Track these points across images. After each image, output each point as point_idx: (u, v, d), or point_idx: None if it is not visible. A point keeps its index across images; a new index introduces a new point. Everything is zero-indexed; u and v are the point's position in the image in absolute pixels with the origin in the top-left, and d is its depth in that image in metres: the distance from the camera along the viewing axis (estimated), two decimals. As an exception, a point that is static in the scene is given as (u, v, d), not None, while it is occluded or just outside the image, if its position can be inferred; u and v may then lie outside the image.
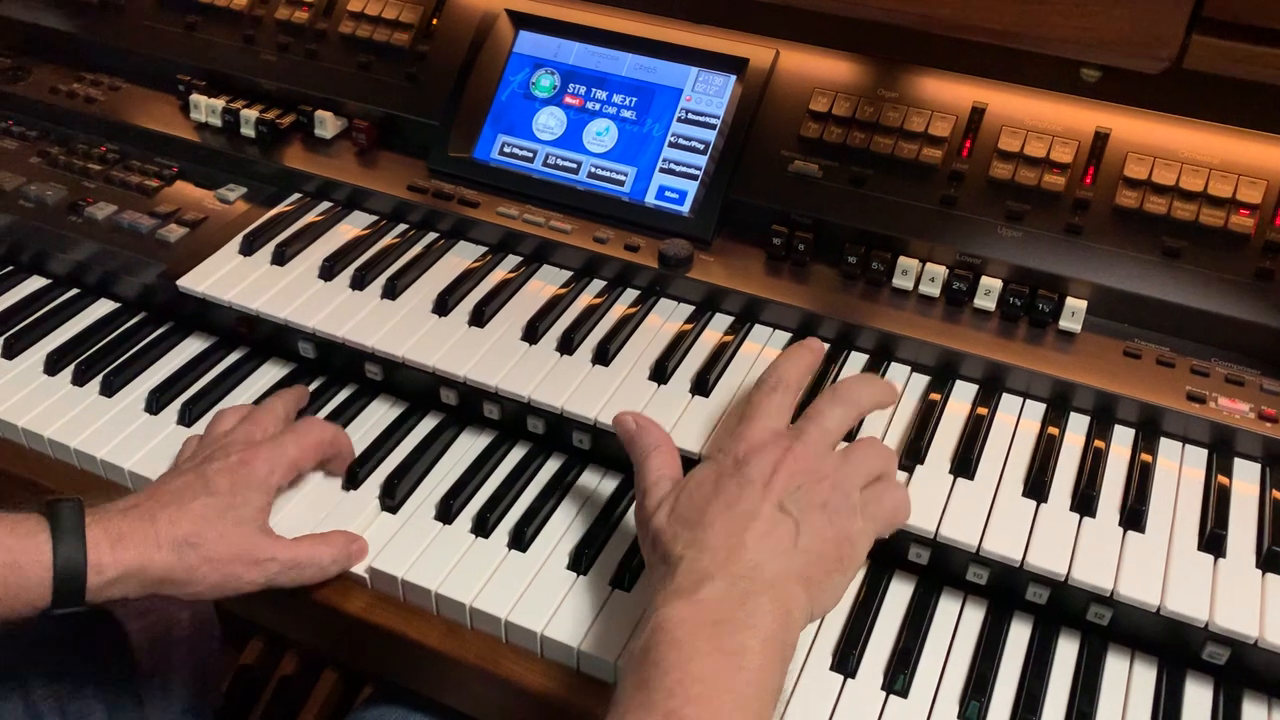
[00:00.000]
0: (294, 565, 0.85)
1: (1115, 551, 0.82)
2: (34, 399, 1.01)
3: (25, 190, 1.17)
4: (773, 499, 0.74)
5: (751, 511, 0.73)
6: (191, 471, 0.86)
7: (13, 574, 0.75)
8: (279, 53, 1.24)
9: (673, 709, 0.63)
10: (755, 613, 0.68)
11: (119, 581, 0.78)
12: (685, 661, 0.65)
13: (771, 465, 0.76)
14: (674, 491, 0.78)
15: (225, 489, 0.84)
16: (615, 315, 1.03)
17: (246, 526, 0.84)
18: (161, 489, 0.84)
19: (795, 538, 0.73)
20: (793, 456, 0.77)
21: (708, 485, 0.76)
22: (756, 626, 0.67)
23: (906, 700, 0.79)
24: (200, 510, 0.82)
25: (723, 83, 1.10)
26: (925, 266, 1.01)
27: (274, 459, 0.87)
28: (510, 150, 1.15)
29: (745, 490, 0.75)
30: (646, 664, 0.66)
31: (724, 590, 0.69)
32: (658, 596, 0.71)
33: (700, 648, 0.65)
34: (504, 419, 0.98)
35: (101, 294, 1.14)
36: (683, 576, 0.70)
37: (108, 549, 0.78)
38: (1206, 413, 0.90)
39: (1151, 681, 0.81)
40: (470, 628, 0.86)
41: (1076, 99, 1.01)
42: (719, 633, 0.66)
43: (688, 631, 0.66)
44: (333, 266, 1.06)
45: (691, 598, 0.69)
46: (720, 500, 0.75)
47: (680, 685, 0.64)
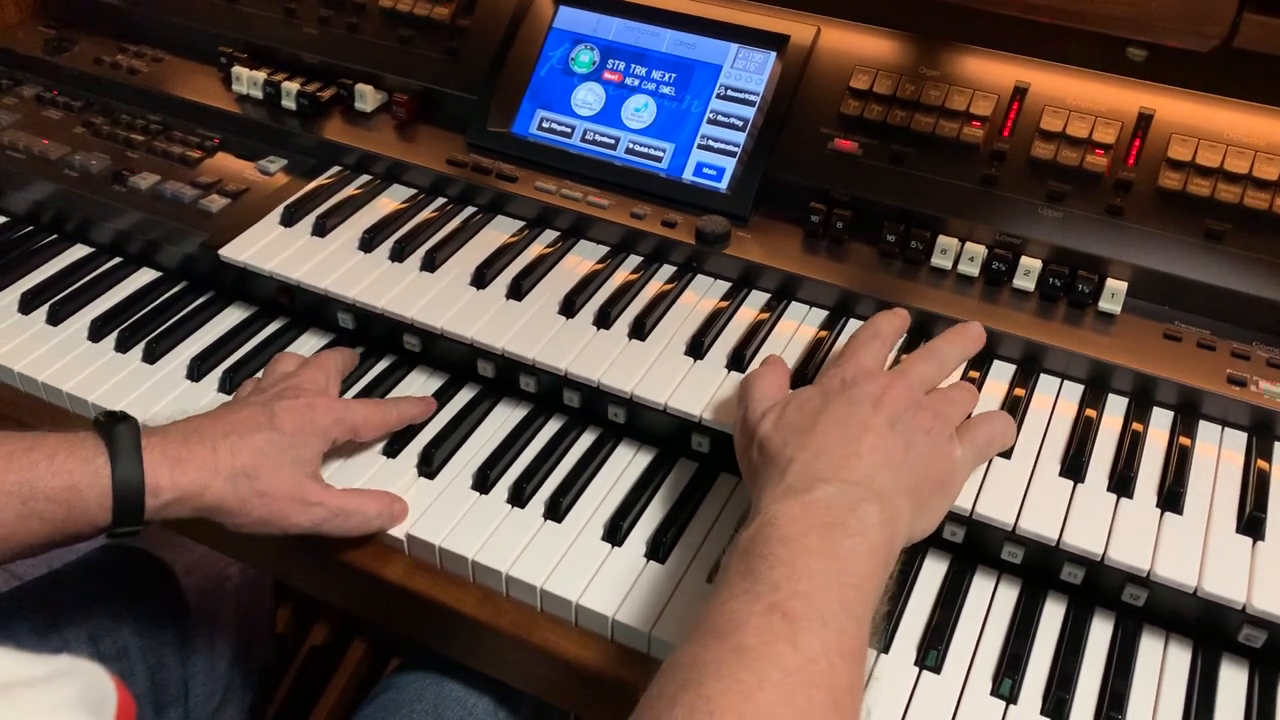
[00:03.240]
0: (340, 513, 0.86)
1: (1152, 532, 0.82)
2: (78, 364, 1.03)
3: (70, 159, 1.19)
4: (884, 415, 0.77)
5: (865, 423, 0.76)
6: (259, 405, 0.86)
7: (74, 496, 0.77)
8: (320, 26, 1.24)
9: (778, 601, 0.63)
10: (865, 520, 0.69)
11: (175, 503, 0.80)
12: (793, 558, 0.66)
13: (880, 388, 0.79)
14: (780, 404, 0.80)
15: (289, 428, 0.85)
16: (652, 291, 1.03)
17: (302, 469, 0.85)
18: (226, 417, 0.85)
19: (905, 455, 0.75)
20: (898, 385, 0.80)
21: (816, 400, 0.79)
22: (865, 534, 0.69)
23: (939, 676, 0.80)
24: (261, 444, 0.83)
25: (763, 59, 1.10)
26: (964, 246, 1.01)
27: (339, 414, 0.89)
28: (549, 125, 1.15)
29: (856, 406, 0.78)
30: (753, 555, 0.67)
31: (836, 494, 0.70)
32: (766, 494, 0.72)
33: (809, 547, 0.67)
34: (540, 392, 0.99)
35: (144, 263, 1.16)
36: (794, 477, 0.72)
37: (166, 472, 0.78)
38: (1247, 396, 0.90)
39: (1186, 663, 0.81)
40: (506, 596, 0.87)
41: (1121, 79, 1.00)
42: (829, 534, 0.68)
43: (798, 530, 0.68)
44: (372, 239, 1.07)
45: (803, 498, 0.70)
46: (831, 413, 0.77)
47: (787, 580, 0.65)
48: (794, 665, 0.61)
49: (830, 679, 0.62)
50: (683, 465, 0.95)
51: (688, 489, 0.93)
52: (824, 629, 0.63)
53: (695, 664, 0.61)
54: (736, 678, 0.59)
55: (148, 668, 1.07)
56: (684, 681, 0.60)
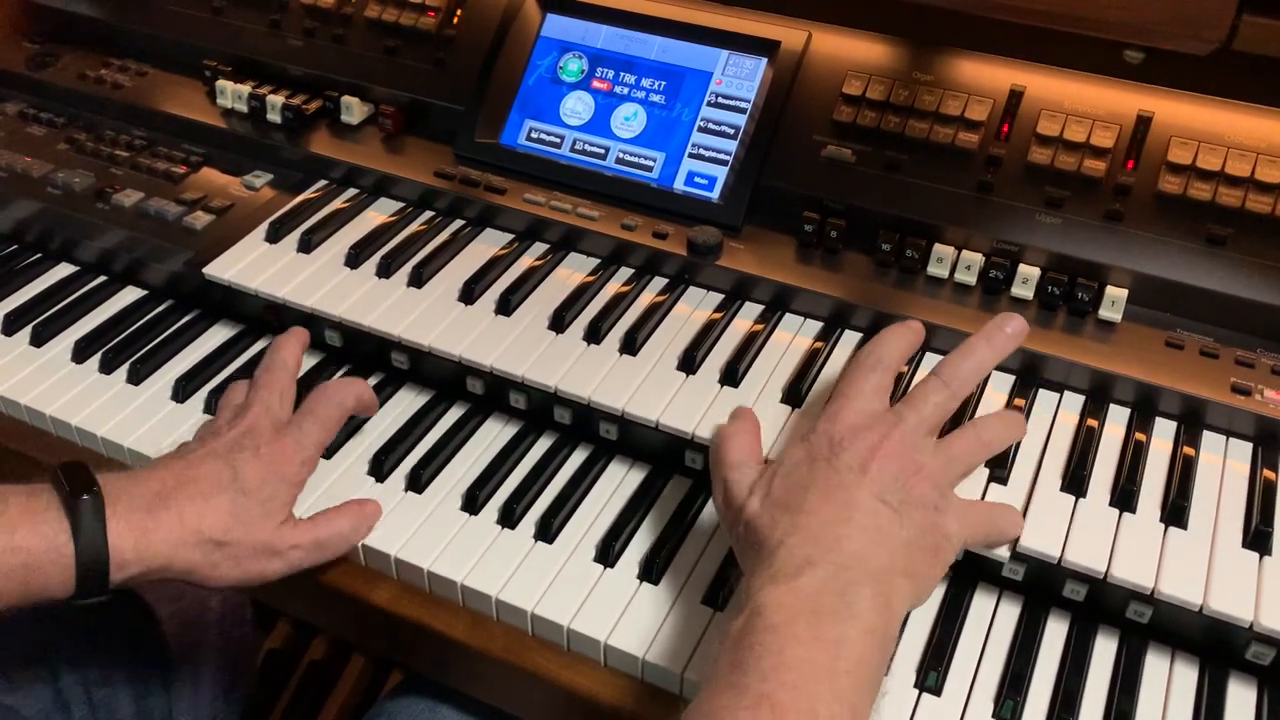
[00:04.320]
0: (316, 546, 0.84)
1: (1156, 548, 0.80)
2: (61, 386, 1.01)
3: (53, 177, 1.17)
4: (872, 488, 0.73)
5: (852, 501, 0.72)
6: (221, 460, 0.83)
7: (33, 574, 0.75)
8: (305, 37, 1.23)
9: (765, 693, 0.61)
10: (856, 603, 0.66)
11: (142, 574, 0.78)
12: (782, 648, 0.63)
13: (869, 450, 0.75)
14: (766, 477, 0.77)
15: (254, 484, 0.82)
16: (643, 304, 1.02)
17: (272, 520, 0.83)
18: (188, 475, 0.81)
19: (899, 529, 0.72)
20: (889, 443, 0.75)
21: (803, 469, 0.75)
22: (857, 617, 0.66)
23: (940, 698, 0.78)
24: (228, 506, 0.80)
25: (754, 66, 1.08)
26: (961, 254, 0.99)
27: (303, 448, 0.86)
28: (537, 136, 1.13)
29: (843, 476, 0.73)
30: (742, 647, 0.64)
31: (826, 578, 0.67)
32: (754, 581, 0.69)
33: (798, 635, 0.64)
34: (531, 409, 0.97)
35: (129, 281, 1.14)
36: (783, 562, 0.69)
37: (131, 546, 0.76)
38: (1252, 405, 0.88)
39: (1193, 681, 0.79)
40: (497, 620, 0.85)
41: (1118, 81, 0.98)
42: (819, 621, 0.65)
43: (785, 617, 0.65)
44: (358, 254, 1.05)
45: (791, 584, 0.67)
46: (818, 487, 0.73)
47: (775, 671, 0.62)
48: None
49: None
50: (676, 482, 0.93)
51: (681, 507, 0.91)
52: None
53: None
54: None
55: (133, 694, 1.05)
56: None
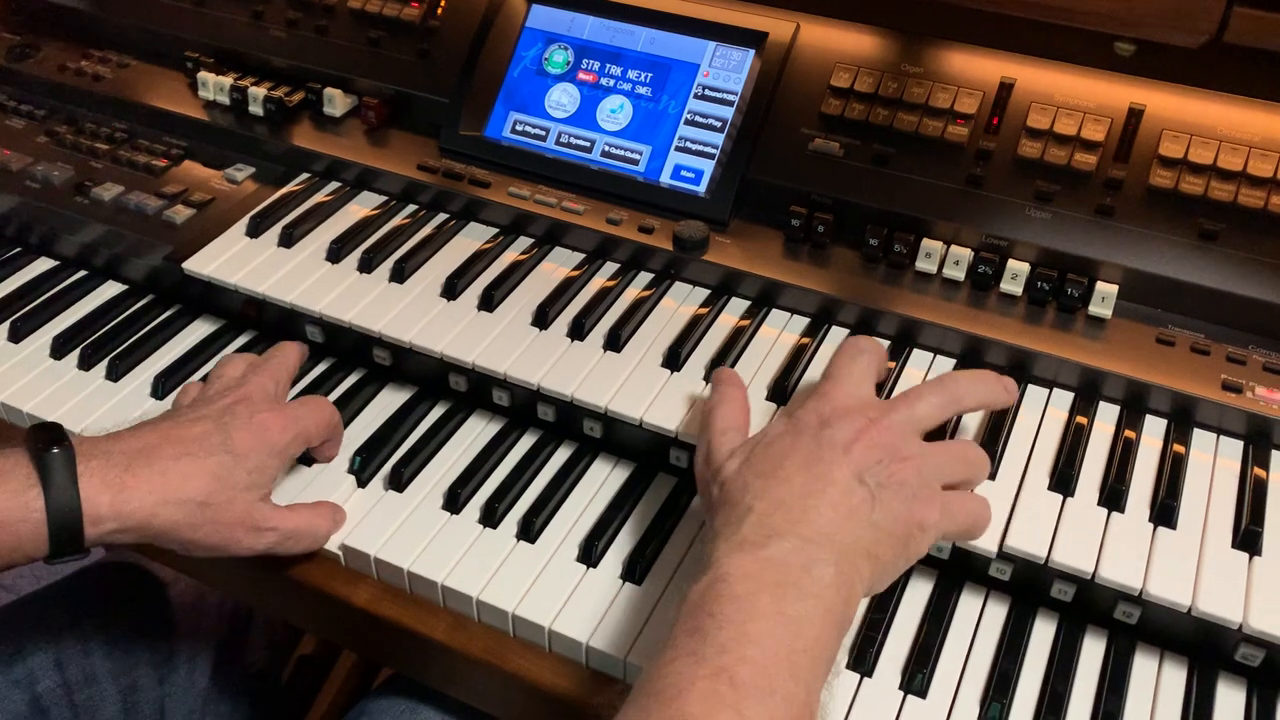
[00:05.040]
0: (292, 535, 0.84)
1: (1145, 549, 0.79)
2: (40, 383, 1.00)
3: (32, 170, 1.16)
4: (852, 466, 0.72)
5: (829, 475, 0.71)
6: (212, 422, 0.82)
7: (6, 533, 0.73)
8: (288, 29, 1.21)
9: (724, 665, 0.60)
10: (820, 580, 0.66)
11: (119, 531, 0.76)
12: (744, 620, 0.62)
13: (855, 431, 0.74)
14: (748, 443, 0.76)
15: (244, 450, 0.81)
16: (628, 299, 1.00)
17: (255, 492, 0.82)
18: (176, 434, 0.80)
19: (870, 511, 0.70)
20: (877, 429, 0.74)
21: (786, 439, 0.74)
22: (820, 596, 0.65)
23: (925, 700, 0.77)
24: (215, 468, 0.79)
25: (741, 58, 1.07)
26: (950, 249, 0.97)
27: (294, 429, 0.85)
28: (522, 128, 1.12)
29: (825, 451, 0.72)
30: (702, 613, 0.63)
31: (791, 550, 0.67)
32: (720, 545, 0.68)
33: (761, 608, 0.63)
34: (514, 406, 0.96)
35: (109, 276, 1.13)
36: (750, 529, 0.68)
37: (107, 501, 0.75)
38: (1243, 402, 0.87)
39: (1181, 683, 0.78)
40: (478, 621, 0.84)
41: (1109, 74, 0.96)
42: (782, 595, 0.64)
43: (750, 588, 0.64)
44: (340, 249, 1.04)
45: (758, 553, 0.66)
46: (797, 456, 0.72)
47: (735, 643, 0.61)
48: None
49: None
50: (661, 481, 0.92)
51: (665, 506, 0.90)
52: (770, 698, 0.60)
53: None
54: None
55: (119, 691, 1.04)
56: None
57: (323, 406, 0.90)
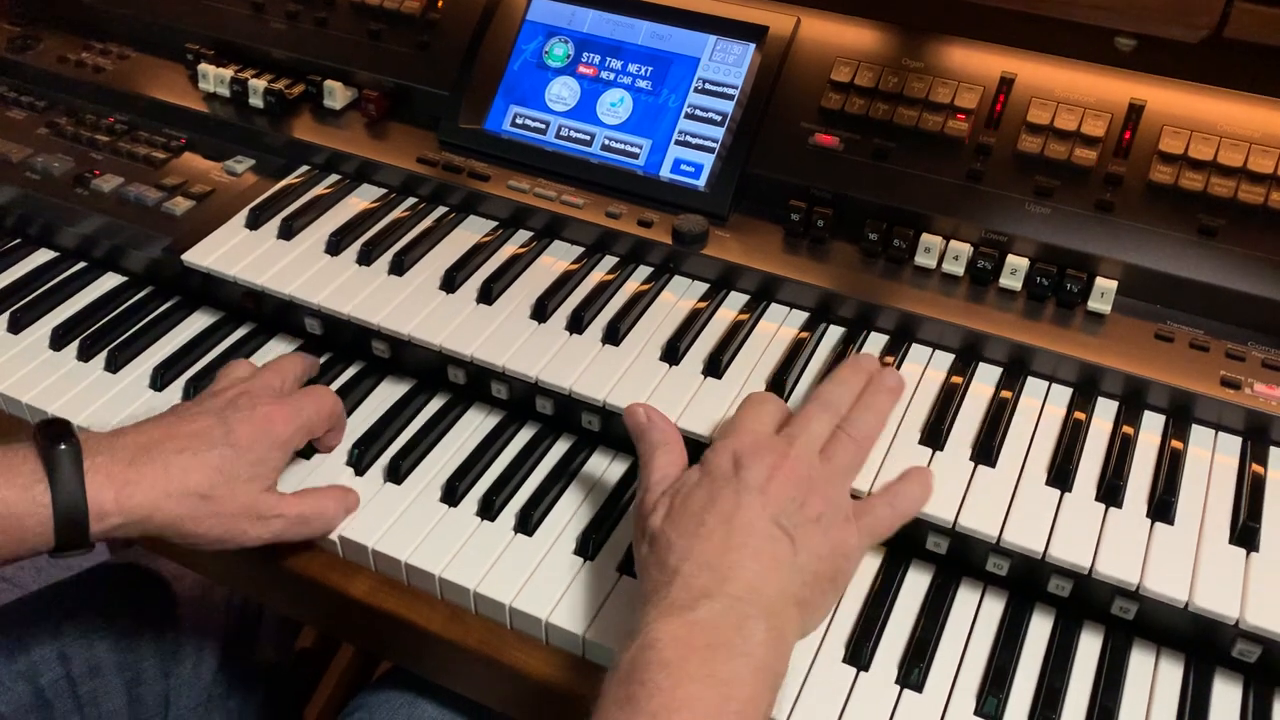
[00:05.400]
0: (300, 520, 0.83)
1: (1142, 544, 0.79)
2: (39, 374, 1.00)
3: (32, 162, 1.16)
4: (769, 513, 0.72)
5: (749, 526, 0.71)
6: (213, 416, 0.82)
7: (11, 524, 0.74)
8: (288, 21, 1.21)
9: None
10: (750, 639, 0.65)
11: (123, 526, 0.77)
12: (674, 686, 0.62)
13: (767, 472, 0.74)
14: (669, 492, 0.76)
15: (245, 442, 0.81)
16: (627, 293, 1.00)
17: (259, 483, 0.82)
18: (178, 428, 0.81)
19: (793, 556, 0.71)
20: (788, 464, 0.75)
21: (704, 490, 0.74)
22: (750, 654, 0.65)
23: (921, 695, 0.77)
24: (216, 461, 0.79)
25: (741, 51, 1.07)
26: (949, 244, 0.97)
27: (296, 420, 0.85)
28: (522, 122, 1.12)
29: (742, 498, 0.72)
30: (633, 682, 0.63)
31: (722, 611, 0.66)
32: (649, 611, 0.68)
33: (691, 672, 0.63)
34: (512, 399, 0.96)
35: (109, 268, 1.12)
36: (678, 592, 0.68)
37: (111, 496, 0.75)
38: (1241, 399, 0.87)
39: (1178, 679, 0.78)
40: (475, 613, 0.84)
41: (1110, 69, 0.96)
42: (712, 657, 0.64)
43: (679, 653, 0.64)
44: (339, 241, 1.04)
45: (686, 616, 0.66)
46: (717, 509, 0.72)
47: (665, 710, 0.61)
48: None
49: None
50: (659, 474, 0.92)
51: (663, 500, 0.90)
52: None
53: None
54: None
55: (123, 683, 1.04)
56: None
57: (325, 396, 0.90)
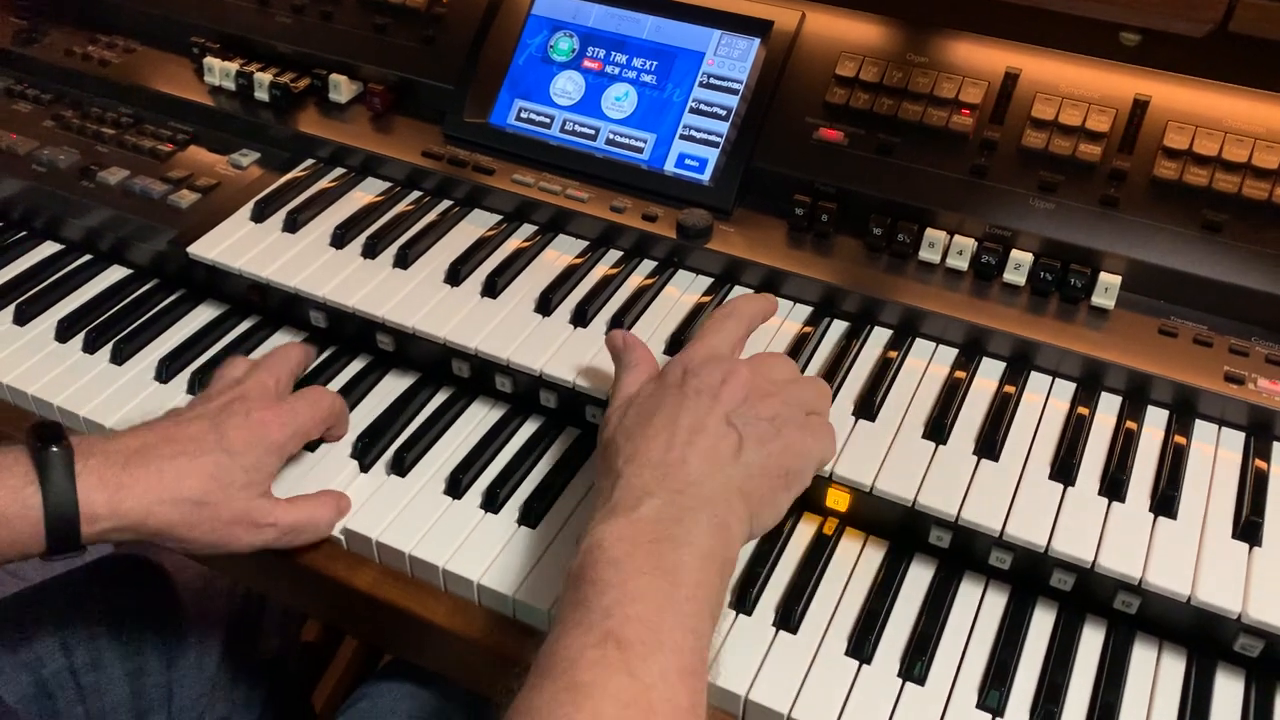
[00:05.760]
0: (292, 530, 0.84)
1: (1145, 538, 0.79)
2: (44, 366, 1.00)
3: (38, 154, 1.16)
4: (719, 411, 0.74)
5: (697, 425, 0.73)
6: (208, 421, 0.82)
7: (2, 528, 0.74)
8: (294, 15, 1.21)
9: (611, 629, 0.61)
10: (693, 529, 0.67)
11: (115, 530, 0.77)
12: (624, 581, 0.64)
13: (721, 376, 0.76)
14: (626, 402, 0.78)
15: (240, 448, 0.81)
16: (631, 287, 1.01)
17: (253, 490, 0.82)
18: (173, 434, 0.81)
19: (738, 451, 0.72)
20: (741, 371, 0.77)
21: (656, 397, 0.76)
22: (694, 543, 0.67)
23: (924, 688, 0.77)
24: (211, 468, 0.79)
25: (746, 46, 1.07)
26: (953, 239, 0.97)
27: (291, 426, 0.85)
28: (527, 116, 1.12)
29: (691, 400, 0.74)
30: (584, 582, 0.65)
31: (662, 507, 0.68)
32: (595, 513, 0.70)
33: (639, 566, 0.64)
34: (516, 392, 0.96)
35: (114, 260, 1.13)
36: (621, 492, 0.70)
37: (103, 500, 0.75)
38: (1245, 394, 0.87)
39: (1180, 673, 0.78)
40: (479, 604, 0.84)
41: (1114, 64, 0.96)
42: (658, 550, 0.66)
43: (625, 550, 0.65)
44: (344, 234, 1.04)
45: (630, 516, 0.68)
46: (665, 412, 0.74)
47: (618, 605, 0.63)
48: (630, 696, 0.59)
49: (670, 703, 0.60)
50: (662, 468, 0.92)
51: (666, 493, 0.90)
52: (659, 651, 0.61)
53: (531, 710, 0.59)
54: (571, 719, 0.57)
55: (126, 675, 1.05)
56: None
57: (321, 400, 0.89)
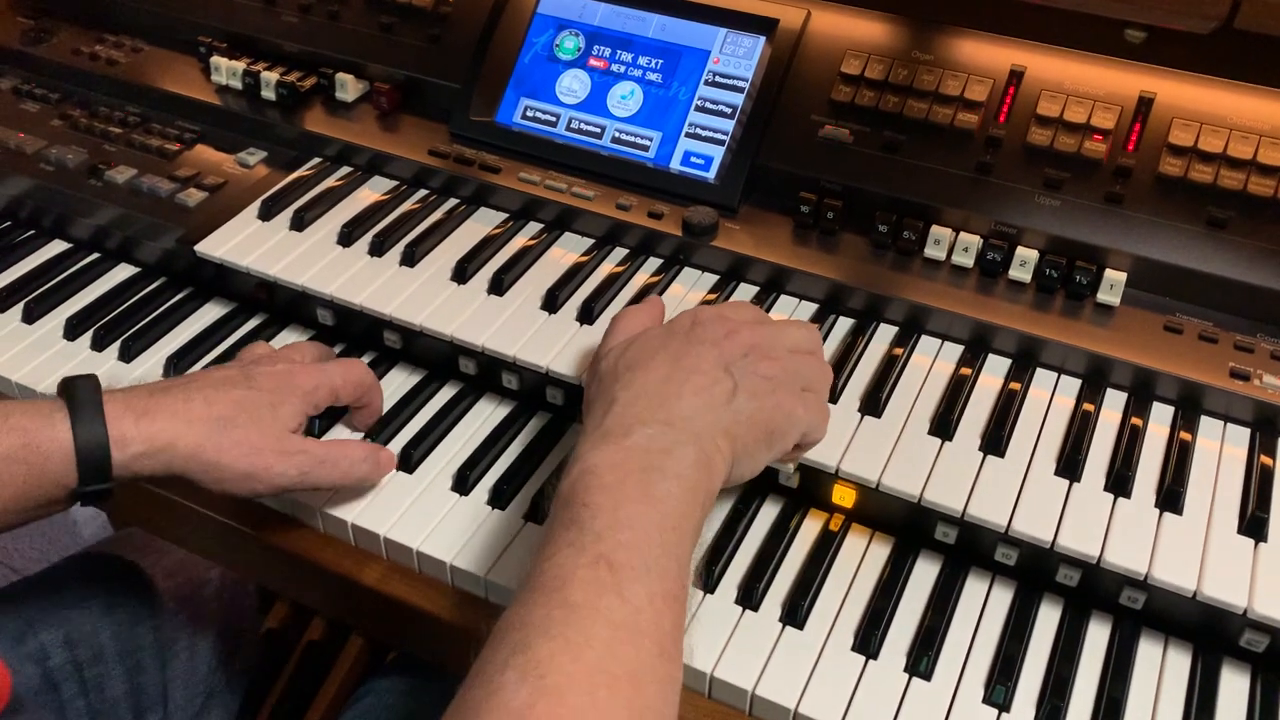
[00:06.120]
0: (326, 460, 0.83)
1: (1150, 534, 0.79)
2: (54, 364, 1.01)
3: (46, 153, 1.16)
4: (720, 358, 0.75)
5: (695, 365, 0.75)
6: (235, 368, 0.84)
7: (32, 454, 0.74)
8: (300, 14, 1.22)
9: (601, 552, 0.63)
10: (681, 461, 0.69)
11: (145, 456, 0.77)
12: (614, 507, 0.65)
13: (725, 331, 0.78)
14: (628, 340, 0.79)
15: (268, 387, 0.82)
16: (637, 284, 1.01)
17: (281, 424, 0.82)
18: (199, 377, 0.82)
19: (731, 397, 0.74)
20: (747, 329, 0.78)
21: (659, 338, 0.78)
22: (681, 476, 0.68)
23: (930, 683, 0.77)
24: (239, 397, 0.80)
25: (752, 44, 1.07)
26: (959, 236, 0.98)
27: (318, 377, 0.86)
28: (533, 114, 1.12)
29: (693, 346, 0.76)
30: (575, 504, 0.66)
31: (653, 436, 0.70)
32: (587, 438, 0.71)
33: (629, 493, 0.66)
34: (523, 389, 0.97)
35: (122, 258, 1.13)
36: (614, 419, 0.71)
37: (131, 422, 0.76)
38: (1250, 390, 0.87)
39: (1185, 668, 0.79)
40: (485, 600, 0.85)
41: (1120, 61, 0.97)
42: (647, 479, 0.67)
43: (618, 477, 0.67)
44: (351, 232, 1.05)
45: (622, 442, 0.69)
46: (667, 351, 0.76)
47: (610, 529, 0.64)
48: (621, 617, 0.60)
49: (656, 626, 0.62)
50: (668, 464, 0.92)
51: (673, 489, 0.90)
52: (647, 575, 0.63)
53: (524, 625, 0.60)
54: (565, 637, 0.59)
55: (125, 670, 1.05)
56: (514, 644, 0.59)
57: (354, 365, 0.91)
